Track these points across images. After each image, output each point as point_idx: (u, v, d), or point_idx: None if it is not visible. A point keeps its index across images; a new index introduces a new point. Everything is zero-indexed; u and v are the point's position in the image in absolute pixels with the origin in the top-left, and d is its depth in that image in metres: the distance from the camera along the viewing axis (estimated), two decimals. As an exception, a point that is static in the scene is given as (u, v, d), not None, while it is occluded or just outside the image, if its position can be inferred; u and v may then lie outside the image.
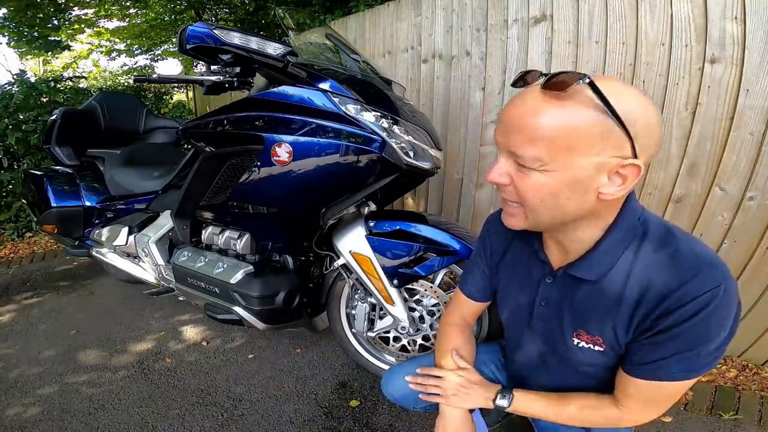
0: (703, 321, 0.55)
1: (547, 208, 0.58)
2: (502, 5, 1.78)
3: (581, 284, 0.65)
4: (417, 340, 1.46)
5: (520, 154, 0.55)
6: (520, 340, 0.80)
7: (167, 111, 5.42)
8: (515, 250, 0.79)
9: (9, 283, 2.60)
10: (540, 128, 0.53)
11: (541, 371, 0.78)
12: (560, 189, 0.56)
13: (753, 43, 1.24)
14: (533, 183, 0.57)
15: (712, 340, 0.57)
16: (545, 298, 0.71)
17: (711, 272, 0.56)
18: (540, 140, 0.53)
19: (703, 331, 0.56)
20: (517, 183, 0.58)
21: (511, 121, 0.56)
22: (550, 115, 0.53)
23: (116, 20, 6.86)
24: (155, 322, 2.03)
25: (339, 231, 1.34)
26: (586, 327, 0.66)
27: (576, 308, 0.67)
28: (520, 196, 0.59)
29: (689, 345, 0.57)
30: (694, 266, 0.56)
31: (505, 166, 0.59)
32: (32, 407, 1.48)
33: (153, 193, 1.79)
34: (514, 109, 0.56)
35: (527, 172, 0.56)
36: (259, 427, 1.36)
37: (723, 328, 0.57)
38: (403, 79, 2.22)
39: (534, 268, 0.73)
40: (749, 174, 1.32)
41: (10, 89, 3.41)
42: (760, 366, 1.46)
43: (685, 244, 0.59)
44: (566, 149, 0.53)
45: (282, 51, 1.21)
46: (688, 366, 0.59)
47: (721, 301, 0.55)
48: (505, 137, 0.57)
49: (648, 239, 0.60)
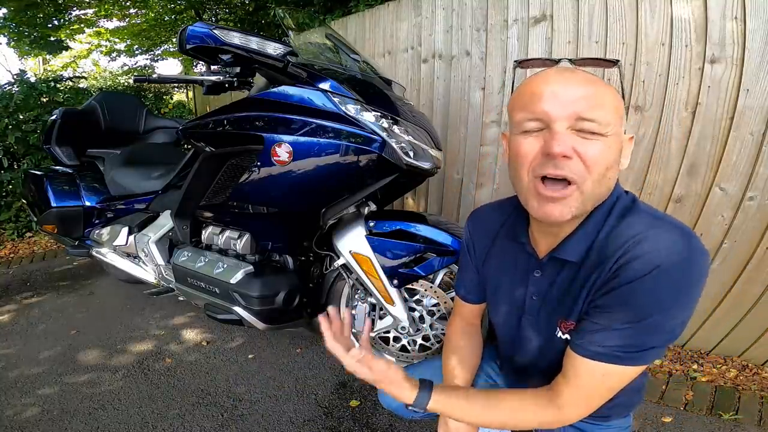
0: (655, 280, 0.53)
1: (607, 179, 0.57)
2: (502, 5, 1.78)
3: (564, 268, 0.65)
4: (417, 340, 1.46)
5: (594, 117, 0.53)
6: (514, 339, 0.77)
7: (167, 111, 5.42)
8: (501, 246, 0.77)
9: (9, 283, 2.60)
10: (604, 93, 0.55)
11: (537, 373, 0.75)
12: (615, 158, 0.57)
13: (753, 43, 1.25)
14: (600, 150, 0.55)
15: (662, 311, 0.53)
16: (535, 292, 0.70)
17: (669, 233, 0.55)
18: (606, 105, 0.55)
19: (654, 294, 0.53)
20: (583, 153, 0.54)
21: (570, 90, 0.55)
22: (601, 85, 0.56)
23: (116, 20, 6.86)
24: (155, 322, 2.03)
25: (339, 231, 1.34)
26: (565, 313, 0.65)
27: (559, 295, 0.66)
28: (588, 166, 0.55)
29: (636, 312, 0.54)
30: (650, 225, 0.56)
31: (568, 137, 0.55)
32: (32, 407, 1.47)
33: (153, 193, 1.79)
34: (564, 79, 0.56)
35: (592, 139, 0.54)
36: (259, 427, 1.36)
37: (678, 298, 0.53)
38: (403, 79, 2.22)
39: (521, 263, 0.72)
40: (749, 174, 1.32)
41: (10, 89, 3.42)
42: (760, 366, 1.46)
43: (647, 212, 0.60)
44: (619, 116, 0.57)
45: (282, 51, 1.21)
46: (633, 341, 0.55)
47: (680, 264, 0.52)
48: (566, 106, 0.54)
49: (613, 212, 0.61)
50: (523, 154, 0.59)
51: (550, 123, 0.55)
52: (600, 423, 0.75)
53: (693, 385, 1.42)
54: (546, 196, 0.57)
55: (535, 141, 0.58)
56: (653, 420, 1.30)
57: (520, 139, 0.59)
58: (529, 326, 0.73)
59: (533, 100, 0.57)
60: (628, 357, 0.57)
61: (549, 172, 0.56)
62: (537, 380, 0.77)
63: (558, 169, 0.55)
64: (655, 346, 0.56)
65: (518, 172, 0.61)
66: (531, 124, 0.57)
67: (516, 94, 0.62)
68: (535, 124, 0.57)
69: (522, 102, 0.59)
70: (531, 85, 0.59)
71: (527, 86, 0.60)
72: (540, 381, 0.76)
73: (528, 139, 0.58)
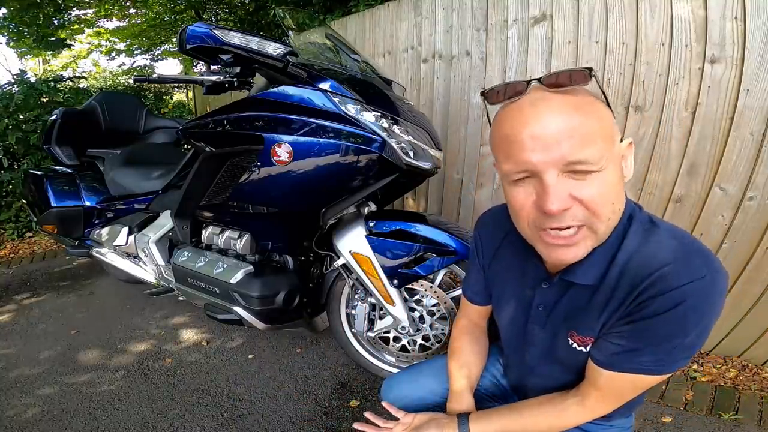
0: (682, 313, 0.52)
1: (614, 212, 0.54)
2: (502, 5, 1.78)
3: (574, 288, 0.64)
4: (417, 340, 1.46)
5: (583, 158, 0.49)
6: (517, 344, 0.77)
7: (167, 111, 5.42)
8: (508, 252, 0.76)
9: (9, 283, 2.60)
10: (588, 119, 0.50)
11: (541, 376, 0.76)
12: (617, 185, 0.53)
13: (753, 43, 1.24)
14: (599, 186, 0.50)
15: (686, 336, 0.53)
16: (542, 303, 0.69)
17: (693, 261, 0.53)
18: (594, 134, 0.49)
19: (680, 325, 0.53)
20: (582, 196, 0.50)
21: (550, 130, 0.49)
22: (584, 110, 0.50)
23: (116, 20, 6.86)
24: (155, 322, 2.03)
25: (339, 231, 1.34)
26: (578, 328, 0.65)
27: (569, 309, 0.65)
28: (592, 209, 0.51)
29: (665, 337, 0.54)
30: (674, 257, 0.54)
31: (560, 186, 0.50)
32: (32, 407, 1.48)
33: (153, 193, 1.79)
34: (542, 119, 0.50)
35: (588, 178, 0.50)
36: (259, 427, 1.36)
37: (701, 323, 0.53)
38: (403, 79, 2.22)
39: (529, 272, 0.71)
40: (749, 174, 1.32)
41: (10, 89, 3.42)
42: (760, 366, 1.46)
43: (667, 233, 0.57)
44: (611, 139, 0.51)
45: (282, 51, 1.21)
46: (662, 359, 0.56)
47: (703, 292, 0.52)
48: (549, 151, 0.49)
49: (630, 234, 0.58)
50: (519, 207, 0.56)
51: (537, 174, 0.51)
52: (602, 423, 0.75)
53: (693, 385, 1.42)
54: (554, 244, 0.54)
55: (527, 191, 0.54)
56: (653, 420, 1.30)
57: (511, 190, 0.56)
58: (534, 334, 0.72)
59: (513, 150, 0.52)
60: (657, 369, 0.57)
61: (551, 225, 0.53)
62: (539, 384, 0.78)
63: (561, 222, 0.52)
64: (679, 359, 0.57)
65: (518, 223, 0.59)
66: (518, 176, 0.53)
67: (494, 137, 0.57)
68: (522, 175, 0.53)
69: (503, 150, 0.55)
70: (505, 127, 0.54)
71: (501, 128, 0.55)
72: (543, 383, 0.76)
73: (520, 189, 0.55)
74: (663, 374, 0.58)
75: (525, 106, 0.52)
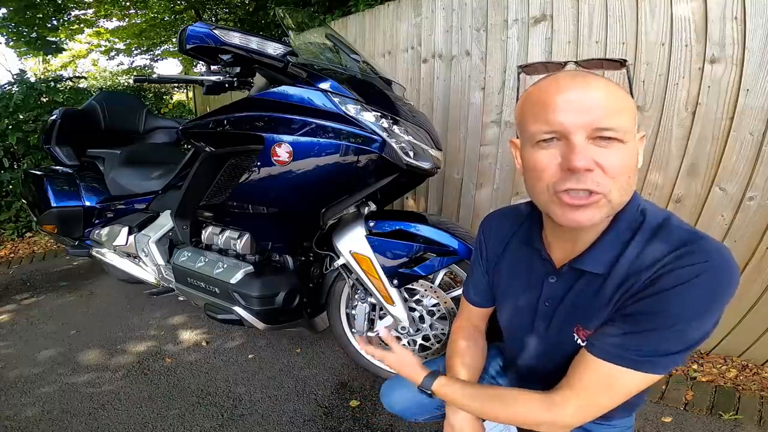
0: (686, 294, 0.52)
1: (630, 184, 0.56)
2: (502, 5, 1.78)
3: (583, 278, 0.64)
4: (417, 340, 1.45)
5: (612, 125, 0.52)
6: (522, 343, 0.77)
7: (167, 111, 5.42)
8: (514, 250, 0.77)
9: (9, 283, 2.60)
10: (620, 97, 0.54)
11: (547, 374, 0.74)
12: (634, 163, 0.55)
13: (753, 43, 1.24)
14: (621, 157, 0.53)
15: (689, 320, 0.53)
16: (549, 297, 0.69)
17: (702, 246, 0.54)
18: (622, 110, 0.53)
19: (682, 307, 0.53)
20: (604, 162, 0.52)
21: (586, 96, 0.52)
22: (615, 88, 0.54)
23: (116, 20, 6.86)
24: (155, 322, 2.03)
25: (339, 231, 1.34)
26: (583, 321, 0.64)
27: (576, 302, 0.65)
28: (612, 175, 0.53)
29: (662, 320, 0.54)
30: (683, 241, 0.55)
31: (586, 148, 0.53)
32: (32, 407, 1.47)
33: (153, 193, 1.79)
34: (577, 85, 0.53)
35: (611, 146, 0.53)
36: (259, 427, 1.36)
37: (705, 312, 0.53)
38: (403, 79, 2.22)
39: (536, 268, 0.71)
40: (749, 174, 1.32)
41: (10, 89, 3.41)
42: (760, 366, 1.46)
43: (679, 227, 0.58)
44: (634, 121, 0.55)
45: (282, 51, 1.21)
46: (652, 347, 0.55)
47: (713, 279, 0.52)
48: (583, 115, 0.52)
49: (644, 227, 0.59)
50: (541, 168, 0.56)
51: (567, 135, 0.53)
52: (603, 423, 0.75)
53: (693, 385, 1.42)
54: (572, 205, 0.55)
55: (552, 154, 0.55)
56: (653, 420, 1.30)
57: (534, 152, 0.57)
58: (540, 331, 0.72)
59: (546, 111, 0.54)
60: (646, 362, 0.56)
61: (571, 186, 0.54)
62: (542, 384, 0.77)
63: (581, 183, 0.53)
64: (674, 352, 0.55)
65: (535, 186, 0.59)
66: (546, 136, 0.55)
67: (525, 104, 0.59)
68: (550, 136, 0.55)
69: (533, 112, 0.56)
70: (542, 93, 0.56)
71: (537, 95, 0.57)
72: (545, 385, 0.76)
73: (543, 152, 0.56)
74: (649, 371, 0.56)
75: (562, 77, 0.56)
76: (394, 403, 0.95)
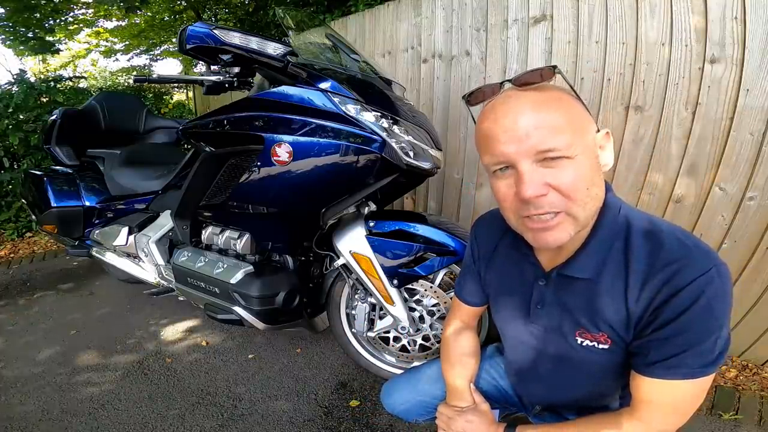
0: (706, 308, 0.53)
1: (593, 195, 0.57)
2: (502, 5, 1.78)
3: (576, 283, 0.64)
4: (417, 340, 1.46)
5: (552, 146, 0.53)
6: (518, 345, 0.78)
7: (167, 111, 5.42)
8: (504, 252, 0.77)
9: (9, 283, 2.60)
10: (557, 112, 0.54)
11: (545, 376, 0.76)
12: (591, 172, 0.56)
13: (753, 43, 1.24)
14: (573, 172, 0.54)
15: (722, 327, 0.54)
16: (540, 300, 0.70)
17: (699, 257, 0.55)
18: (561, 126, 0.53)
19: (709, 319, 0.54)
20: (556, 182, 0.54)
21: (521, 123, 0.54)
22: (550, 104, 0.54)
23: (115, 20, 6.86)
24: (155, 322, 2.03)
25: (339, 231, 1.34)
26: (586, 325, 0.64)
27: (574, 307, 0.65)
28: (567, 192, 0.54)
29: (699, 336, 0.55)
30: (681, 254, 0.56)
31: (534, 174, 0.54)
32: (32, 407, 1.47)
33: (153, 193, 1.79)
34: (512, 113, 0.55)
35: (559, 164, 0.53)
36: (259, 427, 1.36)
37: (724, 312, 0.55)
38: (403, 79, 2.22)
39: (525, 271, 0.72)
40: (749, 174, 1.32)
41: (10, 89, 3.41)
42: (760, 366, 1.46)
43: (670, 234, 0.58)
44: (581, 130, 0.55)
45: (282, 51, 1.21)
46: (703, 360, 0.55)
47: (717, 284, 0.54)
48: (521, 142, 0.54)
49: (633, 232, 0.60)
50: (502, 198, 0.60)
51: (514, 164, 0.55)
52: None
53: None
54: (538, 228, 0.57)
55: (508, 183, 0.58)
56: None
57: (495, 182, 0.60)
58: (534, 333, 0.73)
59: (490, 143, 0.57)
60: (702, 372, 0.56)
61: (531, 213, 0.56)
62: (543, 384, 0.78)
63: (539, 209, 0.55)
64: (721, 353, 0.56)
65: (505, 213, 0.62)
66: (498, 167, 0.58)
67: (476, 135, 0.62)
68: (501, 166, 0.57)
69: (482, 145, 0.59)
70: (483, 124, 0.59)
71: (480, 126, 0.60)
72: (545, 384, 0.76)
73: (502, 182, 0.59)
74: (708, 375, 0.57)
75: (498, 104, 0.58)
76: (395, 404, 0.95)
